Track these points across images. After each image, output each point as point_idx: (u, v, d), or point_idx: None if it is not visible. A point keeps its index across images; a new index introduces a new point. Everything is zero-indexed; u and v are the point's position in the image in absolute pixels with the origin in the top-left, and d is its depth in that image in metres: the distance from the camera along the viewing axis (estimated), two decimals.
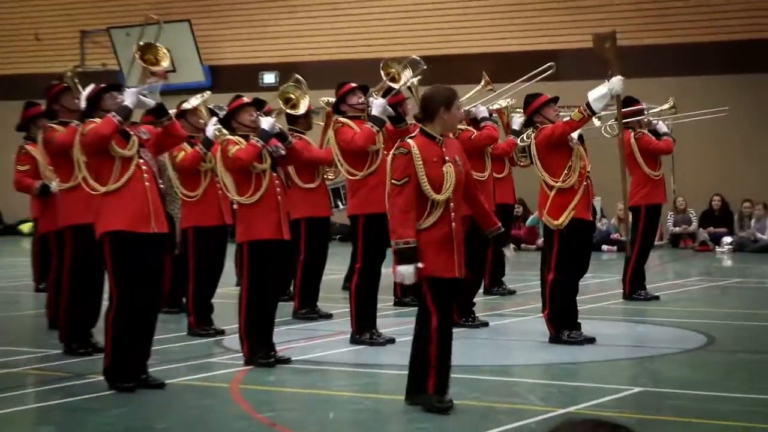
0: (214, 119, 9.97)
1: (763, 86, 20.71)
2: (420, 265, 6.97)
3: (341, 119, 10.17)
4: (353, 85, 10.34)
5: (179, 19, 24.37)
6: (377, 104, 10.00)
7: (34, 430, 7.53)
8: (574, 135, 9.78)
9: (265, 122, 8.92)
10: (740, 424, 6.98)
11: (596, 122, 10.51)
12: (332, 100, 10.74)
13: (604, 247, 19.96)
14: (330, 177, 11.80)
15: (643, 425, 6.78)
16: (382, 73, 10.30)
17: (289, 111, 9.83)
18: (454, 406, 7.19)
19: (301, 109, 9.90)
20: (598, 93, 9.60)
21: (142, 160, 8.09)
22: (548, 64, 12.02)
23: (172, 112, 9.15)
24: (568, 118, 9.68)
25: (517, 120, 12.31)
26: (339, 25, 23.76)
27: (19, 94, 24.04)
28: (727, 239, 20.37)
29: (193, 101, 10.80)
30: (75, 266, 9.57)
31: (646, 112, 13.26)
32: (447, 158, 7.13)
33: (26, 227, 23.83)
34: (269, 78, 23.98)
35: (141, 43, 8.66)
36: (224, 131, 9.15)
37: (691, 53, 21.08)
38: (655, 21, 21.52)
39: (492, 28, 22.61)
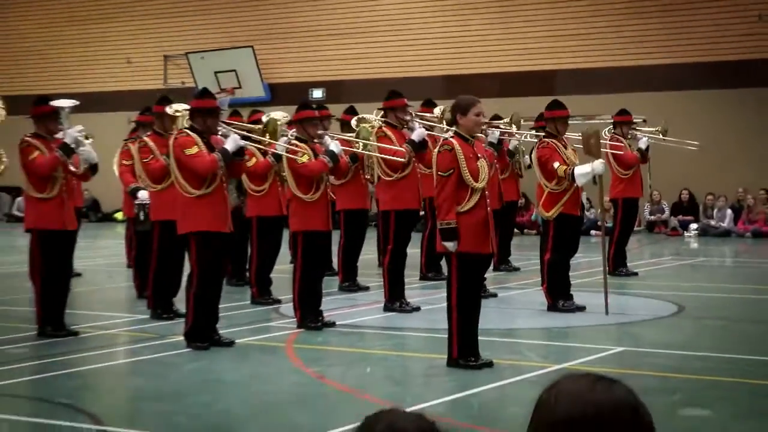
0: (284, 139, 9.64)
1: (727, 100, 20.49)
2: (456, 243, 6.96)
3: (385, 129, 10.10)
4: (407, 102, 10.23)
5: (244, 45, 24.43)
6: (417, 133, 9.95)
7: (126, 380, 7.56)
8: (570, 154, 9.67)
9: (336, 147, 8.99)
10: (707, 377, 6.94)
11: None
12: (380, 119, 10.49)
13: (593, 232, 19.77)
14: (367, 177, 11.42)
15: (625, 379, 6.69)
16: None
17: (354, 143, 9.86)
18: (487, 364, 7.09)
19: (361, 147, 9.91)
20: (584, 170, 9.48)
21: (221, 171, 8.11)
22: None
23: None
24: (557, 166, 9.51)
25: (494, 135, 11.26)
26: (375, 49, 23.70)
27: (113, 108, 24.25)
28: (694, 225, 20.22)
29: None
30: (161, 253, 9.61)
31: (634, 126, 13.10)
32: (479, 155, 7.15)
33: (120, 215, 23.87)
34: (317, 93, 23.91)
35: (269, 118, 9.06)
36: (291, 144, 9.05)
37: (667, 72, 20.86)
38: (635, 44, 21.30)
39: (501, 51, 22.47)
